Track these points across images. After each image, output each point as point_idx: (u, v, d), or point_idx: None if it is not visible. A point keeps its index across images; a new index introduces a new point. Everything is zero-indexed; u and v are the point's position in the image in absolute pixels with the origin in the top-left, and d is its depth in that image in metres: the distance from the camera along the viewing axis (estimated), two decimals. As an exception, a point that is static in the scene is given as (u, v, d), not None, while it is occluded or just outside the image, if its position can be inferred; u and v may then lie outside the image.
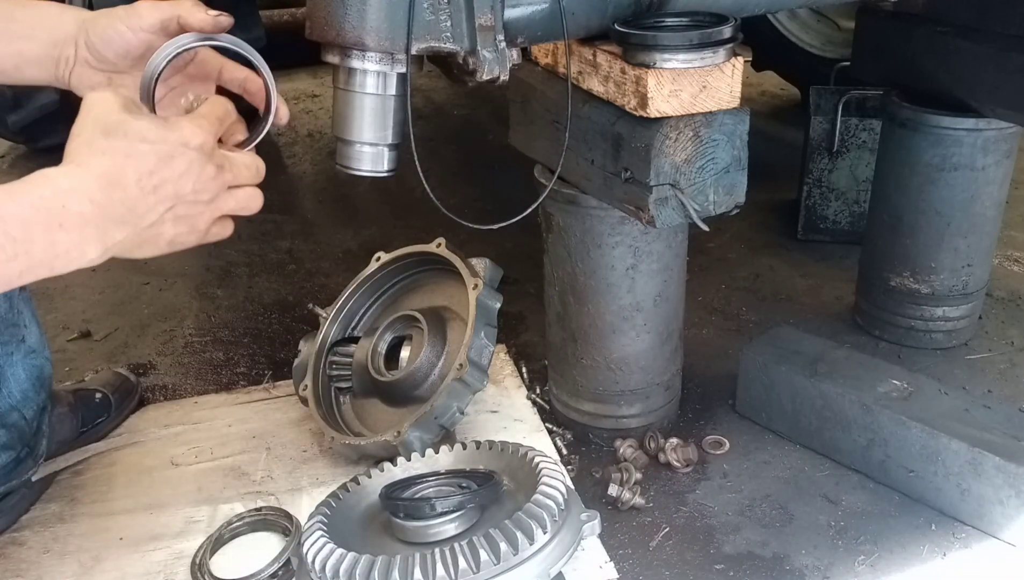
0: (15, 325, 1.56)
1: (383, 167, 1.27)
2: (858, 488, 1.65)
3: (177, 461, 1.78)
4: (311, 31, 1.21)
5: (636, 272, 1.62)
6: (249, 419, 1.90)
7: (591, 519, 1.34)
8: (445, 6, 1.18)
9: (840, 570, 1.47)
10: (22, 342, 1.57)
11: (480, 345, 1.61)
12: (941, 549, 1.50)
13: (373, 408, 1.78)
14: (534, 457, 1.41)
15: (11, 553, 1.55)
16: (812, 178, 2.51)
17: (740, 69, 1.36)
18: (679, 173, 1.38)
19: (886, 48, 1.96)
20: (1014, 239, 2.56)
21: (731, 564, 1.49)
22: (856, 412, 1.63)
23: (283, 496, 1.65)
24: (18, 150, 3.67)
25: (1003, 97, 1.73)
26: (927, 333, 2.05)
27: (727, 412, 1.87)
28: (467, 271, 1.70)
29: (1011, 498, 1.47)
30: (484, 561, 1.17)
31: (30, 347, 1.59)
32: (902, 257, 2.00)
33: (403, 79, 1.22)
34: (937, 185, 1.89)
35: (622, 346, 1.69)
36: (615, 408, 1.76)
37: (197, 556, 1.50)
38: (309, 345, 1.83)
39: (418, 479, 1.45)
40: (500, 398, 1.91)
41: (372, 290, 1.90)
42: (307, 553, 1.26)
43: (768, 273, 2.46)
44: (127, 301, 2.50)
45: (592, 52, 1.43)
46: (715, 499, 1.64)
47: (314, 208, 3.15)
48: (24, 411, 1.57)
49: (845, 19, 3.39)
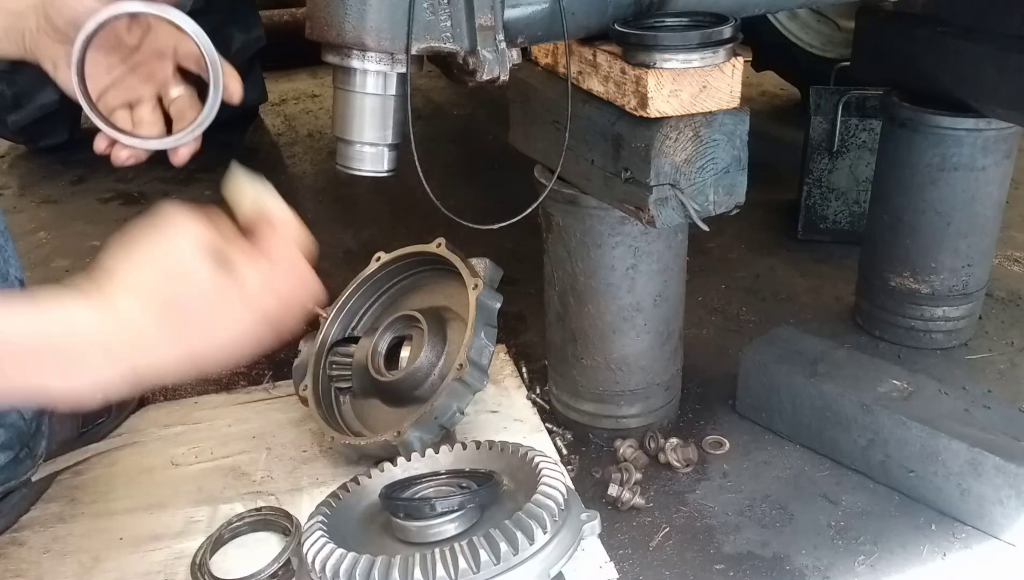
0: None
1: (383, 167, 1.27)
2: (858, 488, 1.65)
3: (177, 461, 1.78)
4: (311, 31, 1.21)
5: (636, 272, 1.62)
6: (249, 419, 1.90)
7: (591, 519, 1.34)
8: (445, 6, 1.18)
9: (840, 570, 1.47)
10: None
11: (480, 345, 1.61)
12: (941, 549, 1.50)
13: (373, 408, 1.78)
14: (534, 457, 1.40)
15: (11, 553, 1.55)
16: (812, 178, 2.51)
17: (740, 69, 1.36)
18: (679, 173, 1.38)
19: (886, 48, 1.96)
20: (1014, 239, 2.56)
21: (731, 564, 1.49)
22: (856, 412, 1.63)
23: (283, 496, 1.65)
24: (18, 150, 3.67)
25: (1003, 97, 1.73)
26: (927, 333, 2.05)
27: (727, 412, 1.87)
28: (467, 271, 1.70)
29: (1011, 498, 1.47)
30: (484, 561, 1.17)
31: None
32: (902, 257, 1.99)
33: (403, 79, 1.22)
34: (937, 185, 1.89)
35: (622, 346, 1.69)
36: (615, 408, 1.76)
37: (197, 556, 1.50)
38: (309, 345, 1.83)
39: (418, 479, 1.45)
40: (500, 398, 1.91)
41: (372, 290, 1.90)
42: (307, 553, 1.26)
43: (768, 273, 2.46)
44: (127, 301, 2.49)
45: (592, 52, 1.43)
46: (715, 499, 1.64)
47: (314, 208, 3.15)
48: (23, 411, 1.57)
49: (845, 19, 3.39)
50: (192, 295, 0.85)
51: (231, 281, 0.87)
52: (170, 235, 0.87)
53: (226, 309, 0.87)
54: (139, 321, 0.83)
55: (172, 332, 0.85)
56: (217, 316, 0.86)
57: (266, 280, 0.90)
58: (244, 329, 0.89)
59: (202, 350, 0.87)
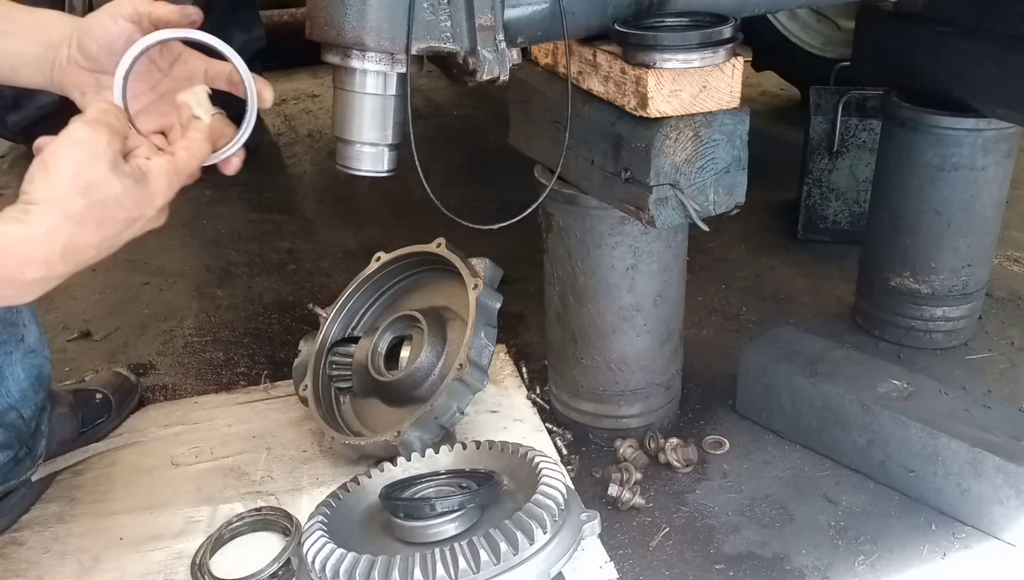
0: (14, 324, 1.56)
1: (383, 167, 1.27)
2: (858, 488, 1.65)
3: (177, 461, 1.78)
4: (311, 31, 1.21)
5: (636, 272, 1.62)
6: (249, 419, 1.90)
7: (591, 519, 1.34)
8: (445, 6, 1.18)
9: (840, 570, 1.47)
10: (21, 342, 1.57)
11: (480, 345, 1.61)
12: (941, 549, 1.50)
13: (373, 408, 1.78)
14: (534, 457, 1.40)
15: (11, 553, 1.55)
16: (812, 178, 2.51)
17: (740, 69, 1.36)
18: (679, 173, 1.38)
19: (886, 48, 1.96)
20: (1014, 239, 2.56)
21: (731, 564, 1.49)
22: (856, 412, 1.63)
23: (283, 496, 1.65)
24: (18, 150, 3.67)
25: (1003, 97, 1.73)
26: (927, 333, 2.05)
27: (727, 412, 1.87)
28: (467, 271, 1.70)
29: (1011, 498, 1.47)
30: (484, 561, 1.17)
31: (29, 347, 1.59)
32: (902, 257, 2.00)
33: (403, 79, 1.22)
34: (937, 185, 1.89)
35: (622, 346, 1.69)
36: (615, 408, 1.76)
37: (197, 556, 1.50)
38: (309, 345, 1.83)
39: (418, 479, 1.45)
40: (500, 398, 1.91)
41: (372, 290, 1.90)
42: (307, 553, 1.26)
43: (768, 273, 2.46)
44: (127, 301, 2.50)
45: (592, 52, 1.43)
46: (715, 499, 1.64)
47: (314, 208, 3.15)
48: (22, 410, 1.57)
49: (845, 19, 3.39)
50: (102, 200, 0.95)
51: (131, 181, 0.97)
52: (75, 150, 0.96)
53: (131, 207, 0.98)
54: (56, 229, 0.93)
55: (86, 234, 0.95)
56: (124, 213, 0.98)
57: (164, 171, 1.01)
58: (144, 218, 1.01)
59: (112, 242, 0.99)
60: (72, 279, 0.99)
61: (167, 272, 2.65)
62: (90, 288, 2.55)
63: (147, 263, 2.71)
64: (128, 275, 2.63)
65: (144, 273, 2.65)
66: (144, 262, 2.72)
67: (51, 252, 0.93)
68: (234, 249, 2.79)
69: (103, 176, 0.95)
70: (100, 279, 2.60)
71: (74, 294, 2.51)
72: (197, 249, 2.81)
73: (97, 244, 0.97)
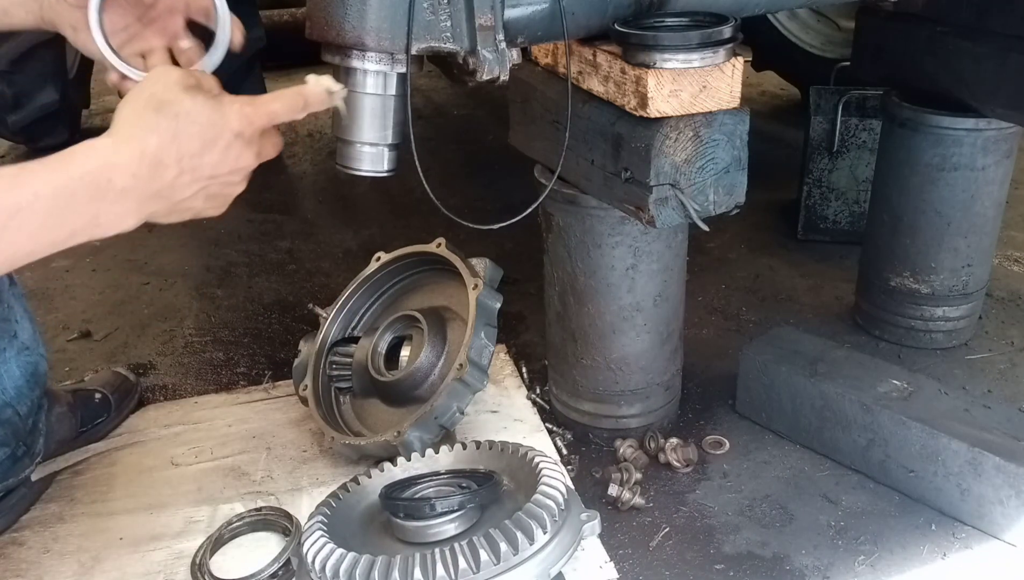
0: (6, 320, 1.55)
1: (383, 167, 1.27)
2: (858, 488, 1.65)
3: (177, 461, 1.78)
4: (311, 31, 1.21)
5: (636, 272, 1.62)
6: (249, 419, 1.90)
7: (591, 519, 1.34)
8: (445, 6, 1.18)
9: (840, 570, 1.47)
10: (14, 338, 1.56)
11: (480, 345, 1.61)
12: (941, 549, 1.50)
13: (373, 408, 1.78)
14: (534, 457, 1.40)
15: (11, 553, 1.55)
16: (812, 178, 2.51)
17: (740, 69, 1.36)
18: (679, 173, 1.38)
19: (886, 48, 1.96)
20: (1014, 239, 2.56)
21: (731, 564, 1.49)
22: (856, 412, 1.63)
23: (283, 496, 1.65)
24: (18, 150, 3.67)
25: (1003, 97, 1.73)
26: (927, 333, 2.05)
27: (727, 412, 1.87)
28: (467, 271, 1.70)
29: (1011, 498, 1.47)
30: (484, 561, 1.17)
31: (23, 343, 1.58)
32: (902, 257, 2.00)
33: (403, 79, 1.22)
34: (937, 185, 1.89)
35: (622, 346, 1.69)
36: (615, 408, 1.76)
37: (197, 556, 1.50)
38: (309, 345, 1.83)
39: (418, 479, 1.45)
40: (500, 398, 1.91)
41: (372, 290, 1.90)
42: (307, 553, 1.26)
43: (768, 273, 2.46)
44: (127, 301, 2.50)
45: (592, 52, 1.43)
46: (715, 499, 1.64)
47: (314, 208, 3.15)
48: (18, 407, 1.57)
49: (845, 19, 3.39)
50: (175, 112, 1.00)
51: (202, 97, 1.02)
52: (149, 81, 1.03)
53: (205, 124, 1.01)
54: (133, 136, 0.98)
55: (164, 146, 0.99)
56: (198, 128, 1.01)
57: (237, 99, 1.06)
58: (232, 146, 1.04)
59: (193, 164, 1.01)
60: (72, 279, 0.99)
61: (167, 272, 2.65)
62: (90, 288, 2.55)
63: (147, 263, 2.71)
64: (128, 275, 2.63)
65: (144, 273, 2.65)
66: (144, 262, 2.72)
67: (131, 158, 0.97)
68: (234, 249, 2.79)
69: (175, 95, 1.00)
70: (100, 279, 2.60)
71: (74, 294, 2.51)
72: (197, 249, 2.81)
73: (177, 160, 0.99)
